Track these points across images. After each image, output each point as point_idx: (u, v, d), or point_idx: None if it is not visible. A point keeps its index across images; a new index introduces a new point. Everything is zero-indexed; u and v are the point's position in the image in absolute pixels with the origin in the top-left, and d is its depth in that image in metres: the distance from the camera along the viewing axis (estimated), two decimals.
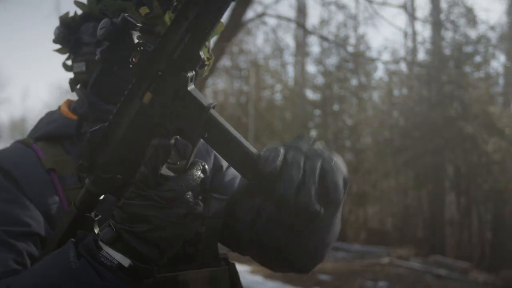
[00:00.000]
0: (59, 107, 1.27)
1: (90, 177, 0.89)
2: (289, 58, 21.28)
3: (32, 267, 0.94)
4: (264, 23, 15.84)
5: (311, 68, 31.95)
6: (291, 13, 21.66)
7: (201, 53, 0.80)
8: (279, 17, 11.98)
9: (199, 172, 0.82)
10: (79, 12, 1.25)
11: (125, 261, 0.79)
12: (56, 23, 1.25)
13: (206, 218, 0.94)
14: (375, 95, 20.41)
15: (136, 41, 0.82)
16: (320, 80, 19.96)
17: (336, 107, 19.41)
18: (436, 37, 16.08)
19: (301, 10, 19.34)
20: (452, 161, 15.12)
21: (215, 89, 22.61)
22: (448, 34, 16.20)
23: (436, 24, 15.76)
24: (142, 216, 0.78)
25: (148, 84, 0.82)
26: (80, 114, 1.19)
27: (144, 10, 1.13)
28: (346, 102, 19.37)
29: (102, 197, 0.92)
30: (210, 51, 1.27)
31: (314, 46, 19.60)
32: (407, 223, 17.73)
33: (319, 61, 19.87)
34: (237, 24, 9.91)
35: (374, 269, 11.99)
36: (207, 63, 1.26)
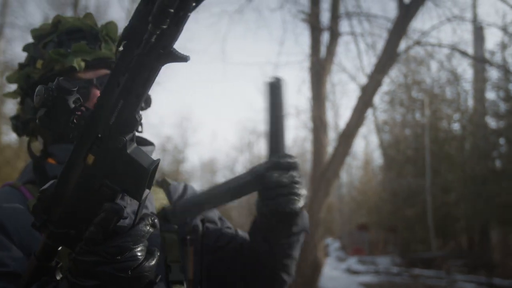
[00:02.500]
0: None
1: (45, 232, 0.91)
2: (466, 85, 20.26)
3: None
4: (433, 52, 14.88)
5: (490, 94, 29.53)
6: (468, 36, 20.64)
7: (138, 116, 0.81)
8: (439, 45, 11.04)
9: (148, 227, 0.84)
10: None
11: None
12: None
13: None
14: None
15: (72, 106, 0.82)
16: (502, 106, 18.88)
17: None
18: None
19: (478, 33, 18.44)
20: None
21: (392, 122, 22.62)
22: None
23: None
24: (91, 272, 0.80)
25: (90, 145, 0.83)
26: (53, 158, 1.27)
27: (39, 63, 1.26)
28: None
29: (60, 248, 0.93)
30: None
31: (494, 70, 18.12)
32: None
33: (500, 87, 18.85)
34: (391, 55, 9.49)
35: None
36: None
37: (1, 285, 1.03)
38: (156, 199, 1.36)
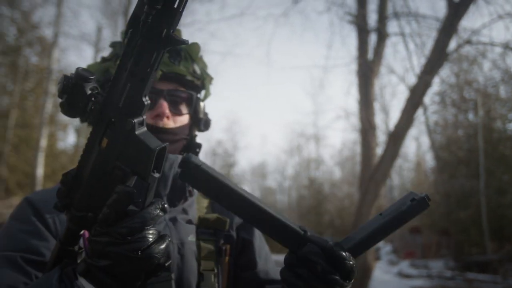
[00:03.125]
0: None
1: (68, 215, 0.95)
2: None
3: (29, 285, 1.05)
4: (485, 50, 14.33)
5: None
6: None
7: (144, 99, 0.84)
8: (491, 44, 10.53)
9: (158, 211, 0.86)
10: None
11: None
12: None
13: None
14: None
15: (88, 92, 0.86)
16: None
17: None
18: None
19: None
20: None
21: (444, 123, 22.12)
22: None
23: None
24: (103, 252, 0.83)
25: (104, 129, 0.87)
26: None
27: None
28: None
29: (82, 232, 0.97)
30: (204, 74, 1.37)
31: None
32: None
33: None
34: (441, 55, 9.28)
35: None
36: (193, 74, 1.34)
37: (34, 273, 1.10)
38: (198, 208, 1.39)
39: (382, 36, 10.35)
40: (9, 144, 18.55)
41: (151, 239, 0.84)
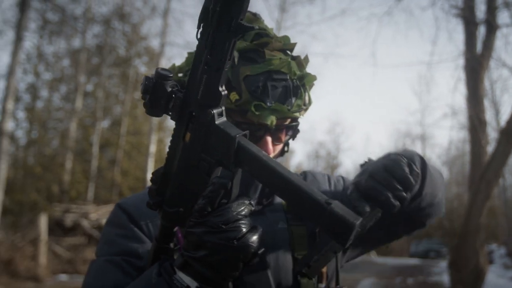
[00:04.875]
0: None
1: (160, 212, 0.98)
2: None
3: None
4: None
5: None
6: None
7: (221, 89, 0.86)
8: None
9: (247, 201, 0.89)
10: None
11: (193, 284, 0.88)
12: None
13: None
14: None
15: (169, 89, 0.89)
16: None
17: None
18: None
19: None
20: None
21: None
22: None
23: None
24: (200, 242, 0.85)
25: (186, 124, 0.90)
26: None
27: (233, 96, 1.17)
28: None
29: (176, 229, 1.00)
30: (311, 99, 1.28)
31: None
32: None
33: None
34: None
35: None
36: (303, 107, 1.25)
37: (135, 275, 1.10)
38: None
39: (492, 27, 9.79)
40: (122, 150, 19.73)
41: (244, 229, 0.85)
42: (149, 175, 15.33)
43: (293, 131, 1.31)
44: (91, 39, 20.08)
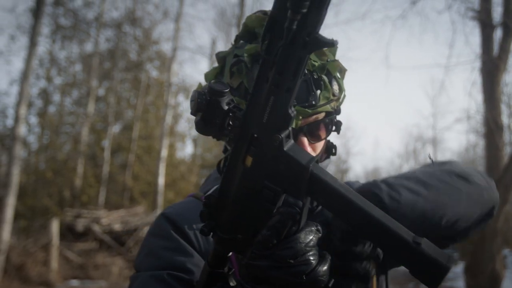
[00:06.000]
0: None
1: (214, 238, 0.92)
2: None
3: None
4: None
5: None
6: None
7: (291, 110, 0.78)
8: None
9: (314, 229, 0.83)
10: None
11: None
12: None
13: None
14: None
15: (225, 108, 0.82)
16: None
17: None
18: None
19: None
20: None
21: None
22: None
23: None
24: (263, 277, 0.79)
25: (247, 147, 0.82)
26: None
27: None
28: None
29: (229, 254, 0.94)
30: (342, 86, 1.21)
31: None
32: None
33: None
34: None
35: None
36: (333, 98, 1.18)
37: None
38: None
39: (509, 30, 9.66)
40: (133, 154, 19.75)
41: (314, 261, 0.80)
42: (160, 180, 15.48)
43: (333, 125, 1.22)
44: (103, 44, 20.17)
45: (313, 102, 1.13)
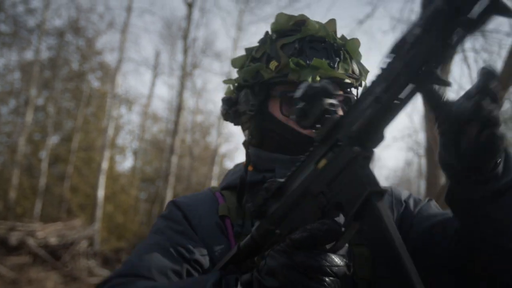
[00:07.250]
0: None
1: (257, 223, 0.93)
2: None
3: (178, 280, 1.04)
4: None
5: None
6: None
7: (384, 133, 0.76)
8: None
9: (344, 262, 0.80)
10: None
11: None
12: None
13: None
14: None
15: (325, 107, 0.83)
16: None
17: None
18: None
19: None
20: None
21: None
22: None
23: None
24: (275, 271, 0.79)
25: (326, 150, 0.82)
26: (251, 164, 1.26)
27: (273, 64, 1.18)
28: None
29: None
30: (362, 71, 1.25)
31: None
32: None
33: None
34: None
35: None
36: (351, 74, 1.22)
37: (185, 267, 1.07)
38: None
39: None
40: (72, 166, 19.22)
41: (324, 284, 0.77)
42: (100, 192, 15.14)
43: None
44: (44, 52, 19.64)
45: (331, 65, 1.18)
